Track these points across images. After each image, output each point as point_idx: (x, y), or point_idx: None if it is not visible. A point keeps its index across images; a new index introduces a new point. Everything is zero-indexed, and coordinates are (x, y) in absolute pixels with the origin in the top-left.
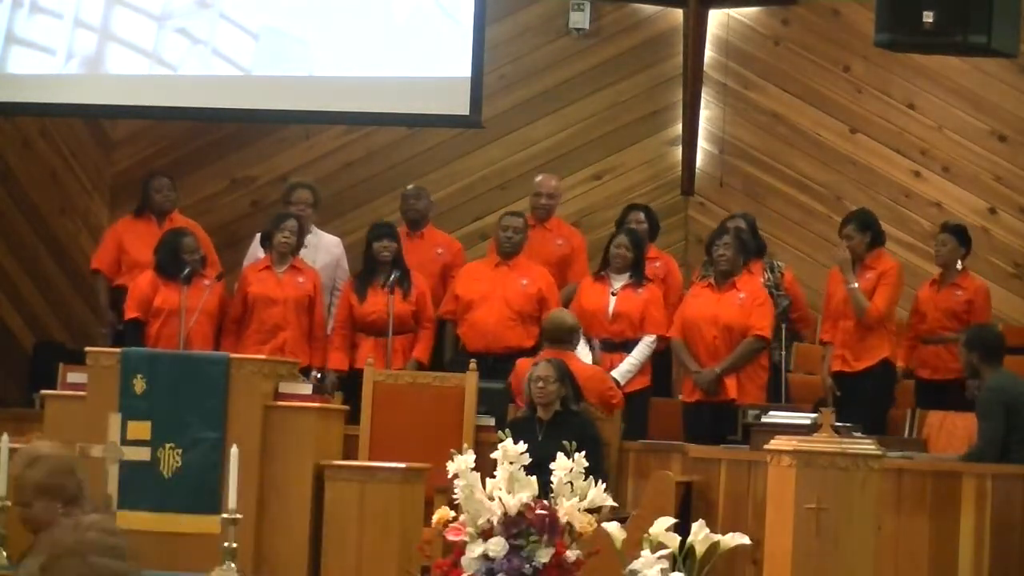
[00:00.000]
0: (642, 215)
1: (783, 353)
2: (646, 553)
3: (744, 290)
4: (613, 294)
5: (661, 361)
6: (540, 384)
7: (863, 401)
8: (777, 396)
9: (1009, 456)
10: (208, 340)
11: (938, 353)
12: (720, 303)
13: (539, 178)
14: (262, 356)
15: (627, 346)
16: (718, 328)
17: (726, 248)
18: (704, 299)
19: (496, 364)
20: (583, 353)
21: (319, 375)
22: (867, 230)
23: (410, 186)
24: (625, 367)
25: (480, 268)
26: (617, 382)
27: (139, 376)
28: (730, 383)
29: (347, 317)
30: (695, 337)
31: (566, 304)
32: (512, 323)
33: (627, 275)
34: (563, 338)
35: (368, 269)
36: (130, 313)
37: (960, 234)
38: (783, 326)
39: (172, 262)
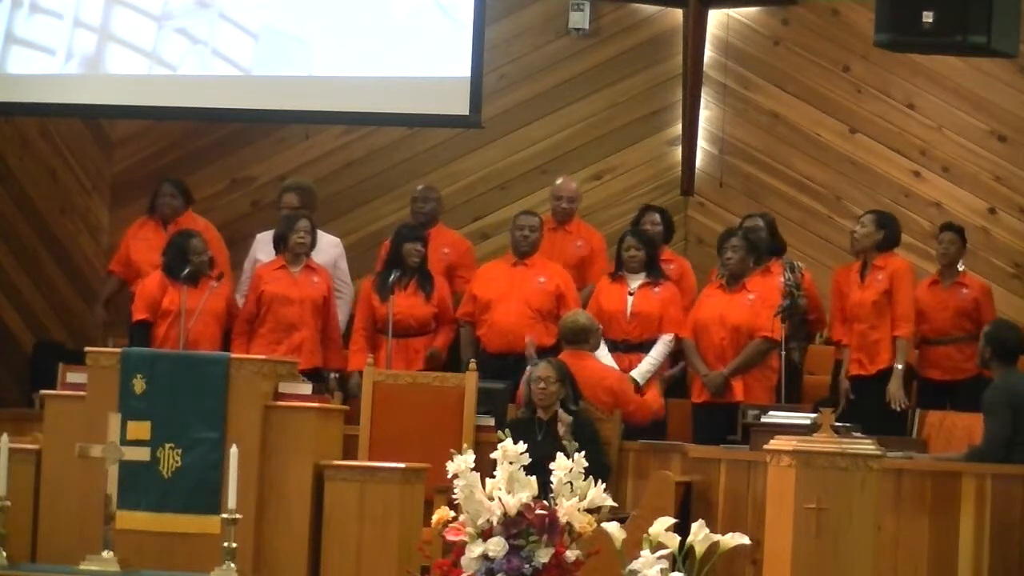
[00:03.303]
0: (657, 217)
1: (797, 353)
2: (646, 553)
3: (754, 291)
4: (631, 294)
5: (677, 362)
6: (541, 385)
7: (881, 403)
8: (792, 397)
9: (1011, 456)
10: (215, 341)
11: (948, 354)
12: (729, 304)
13: (559, 181)
14: (263, 356)
15: (644, 346)
16: (726, 329)
17: (734, 250)
18: (714, 300)
19: (517, 364)
20: (604, 355)
21: (336, 377)
22: (882, 228)
23: (419, 187)
24: (644, 366)
25: (497, 268)
26: (636, 382)
27: (139, 376)
28: (737, 385)
29: (368, 318)
30: (704, 339)
31: (587, 306)
32: (532, 322)
33: (643, 275)
34: (579, 338)
35: (390, 269)
36: (138, 315)
37: (962, 233)
38: (803, 326)
39: (180, 263)
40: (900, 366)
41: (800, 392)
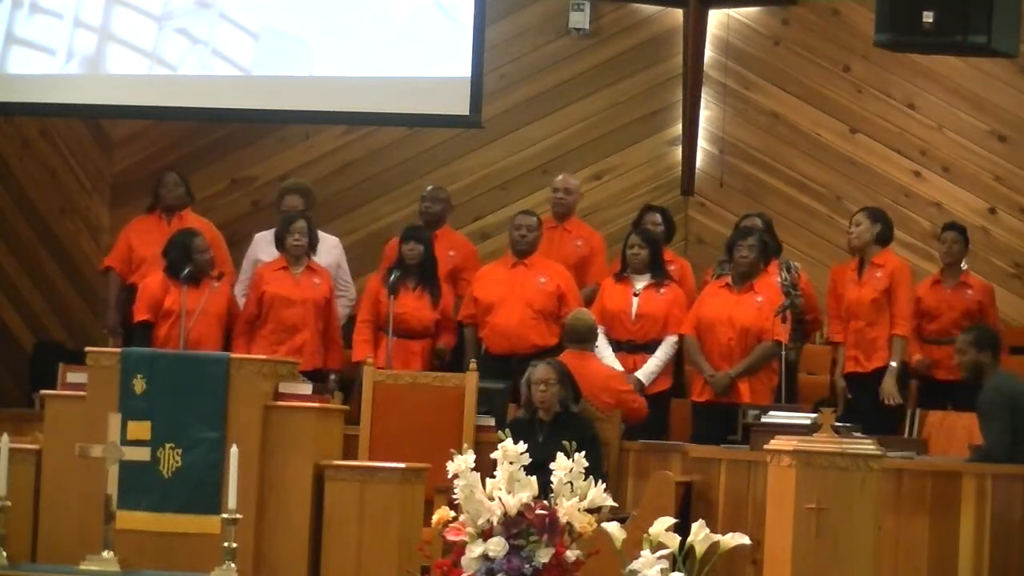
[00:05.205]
0: (658, 217)
1: (794, 353)
2: (646, 553)
3: (762, 293)
4: (636, 294)
5: (674, 361)
6: (541, 388)
7: (875, 400)
8: (788, 396)
9: (1013, 456)
10: (216, 341)
11: (951, 353)
12: (737, 305)
13: (559, 176)
14: (263, 356)
15: (649, 347)
16: (734, 330)
17: (750, 250)
18: (721, 300)
19: (521, 365)
20: (608, 355)
21: (335, 378)
22: (877, 222)
23: (429, 187)
24: (650, 367)
25: (497, 270)
26: (642, 383)
27: (139, 376)
28: (743, 386)
29: (374, 312)
30: (709, 338)
31: (587, 305)
32: (534, 322)
33: (648, 275)
34: (584, 338)
35: (394, 268)
36: (139, 315)
37: (965, 233)
38: (799, 327)
39: (182, 263)
40: (895, 364)
41: (796, 392)
